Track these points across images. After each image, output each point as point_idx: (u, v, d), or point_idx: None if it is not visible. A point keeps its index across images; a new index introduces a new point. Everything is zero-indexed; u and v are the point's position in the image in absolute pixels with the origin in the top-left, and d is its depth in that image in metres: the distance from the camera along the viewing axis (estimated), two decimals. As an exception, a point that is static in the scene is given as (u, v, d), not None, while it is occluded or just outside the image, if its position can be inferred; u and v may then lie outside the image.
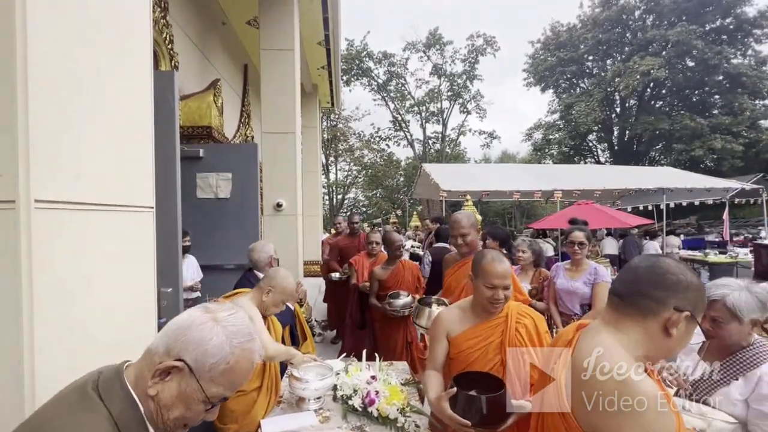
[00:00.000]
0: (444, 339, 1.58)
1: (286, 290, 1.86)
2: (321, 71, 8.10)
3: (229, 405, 1.82)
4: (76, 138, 0.96)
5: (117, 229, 1.08)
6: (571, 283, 2.65)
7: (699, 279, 0.88)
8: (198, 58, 5.01)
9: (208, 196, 3.95)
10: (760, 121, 21.81)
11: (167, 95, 2.00)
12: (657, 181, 10.21)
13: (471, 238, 2.28)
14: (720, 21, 21.95)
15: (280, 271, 1.94)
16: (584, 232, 2.72)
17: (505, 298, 1.50)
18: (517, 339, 1.51)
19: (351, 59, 25.88)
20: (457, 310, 1.65)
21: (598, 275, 2.59)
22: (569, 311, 2.66)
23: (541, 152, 28.54)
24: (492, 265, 1.52)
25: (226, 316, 0.73)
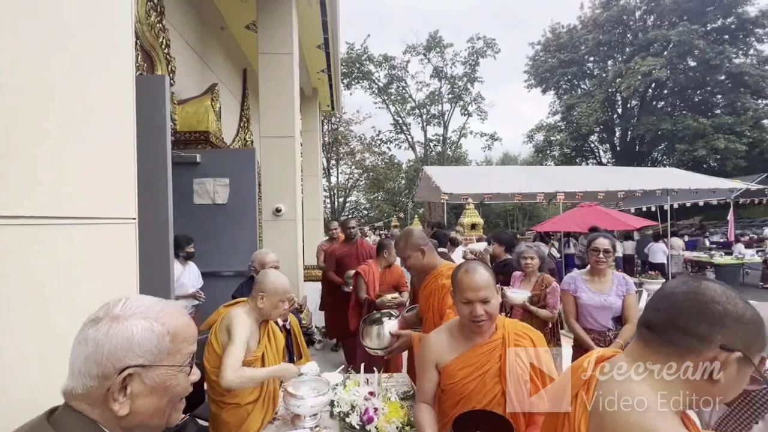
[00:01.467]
0: (432, 369, 1.40)
1: (278, 290, 1.78)
2: (321, 75, 8.07)
3: (223, 416, 1.76)
4: (50, 149, 0.90)
5: (96, 243, 1.01)
6: (602, 297, 2.38)
7: (754, 310, 0.71)
8: (196, 62, 4.97)
9: (206, 202, 3.90)
10: (763, 120, 21.68)
11: (159, 100, 1.94)
12: (662, 182, 10.11)
13: (412, 261, 2.01)
14: (721, 20, 21.86)
15: (268, 274, 1.84)
16: (609, 239, 2.48)
17: (487, 314, 1.30)
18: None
19: (351, 62, 25.90)
20: (446, 334, 1.45)
21: (629, 285, 2.40)
22: (602, 326, 2.39)
23: (543, 153, 28.46)
24: (465, 276, 1.34)
25: (120, 307, 0.67)
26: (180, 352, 0.69)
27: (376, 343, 1.97)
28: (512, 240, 3.59)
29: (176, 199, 3.82)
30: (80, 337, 0.65)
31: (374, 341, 1.97)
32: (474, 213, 6.09)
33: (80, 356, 0.63)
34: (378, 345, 1.96)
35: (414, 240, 2.02)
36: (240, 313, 1.74)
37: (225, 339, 1.72)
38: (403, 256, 2.04)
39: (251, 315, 1.77)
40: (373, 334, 1.98)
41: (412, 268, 2.04)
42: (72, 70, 0.96)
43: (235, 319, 1.70)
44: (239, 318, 1.72)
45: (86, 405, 0.64)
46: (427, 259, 2.02)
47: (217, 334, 1.77)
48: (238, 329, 1.68)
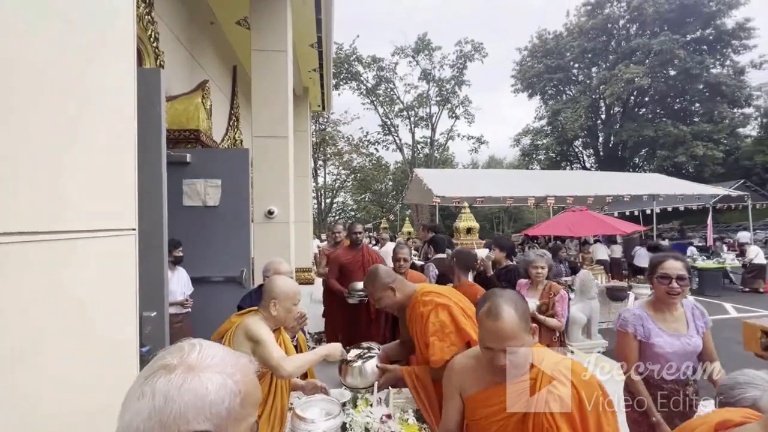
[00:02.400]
0: (457, 396, 1.26)
1: (289, 294, 1.74)
2: (312, 74, 7.91)
3: None
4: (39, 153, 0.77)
5: (92, 259, 0.88)
6: (683, 340, 1.80)
7: None
8: (185, 57, 4.77)
9: (196, 204, 3.71)
10: (738, 129, 22.53)
11: (153, 96, 1.79)
12: (648, 188, 10.32)
13: (386, 301, 1.88)
14: (701, 31, 22.62)
15: (275, 280, 1.80)
16: (682, 261, 1.87)
17: (511, 363, 1.10)
18: (546, 418, 1.09)
19: (340, 63, 25.74)
20: (474, 360, 1.27)
21: (705, 316, 1.90)
22: (682, 376, 1.78)
23: (529, 157, 28.88)
24: (487, 320, 1.12)
25: (196, 356, 0.58)
26: (246, 419, 0.59)
27: (358, 381, 1.82)
28: (514, 246, 3.53)
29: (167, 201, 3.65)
30: (145, 387, 0.54)
31: (357, 379, 1.83)
32: (470, 217, 6.05)
33: (143, 412, 0.52)
34: (362, 383, 1.82)
35: (381, 281, 1.88)
36: (257, 320, 1.67)
37: (242, 346, 1.66)
38: (376, 299, 1.92)
39: (267, 323, 1.69)
40: (354, 372, 1.84)
41: (388, 307, 1.93)
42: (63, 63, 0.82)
43: (253, 326, 1.64)
44: (258, 324, 1.65)
45: None
46: (399, 294, 1.89)
47: (232, 343, 1.68)
48: (261, 331, 1.62)
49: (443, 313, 1.76)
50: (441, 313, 1.76)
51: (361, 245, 4.09)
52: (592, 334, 5.51)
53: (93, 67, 0.90)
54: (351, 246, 4.13)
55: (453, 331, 1.72)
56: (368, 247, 4.28)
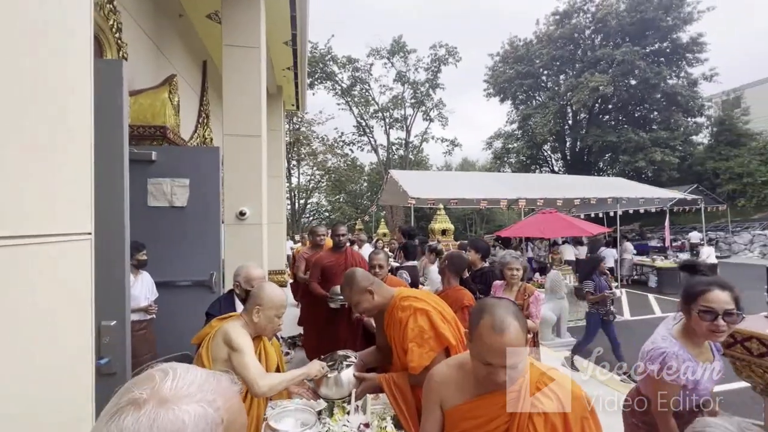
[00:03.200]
0: (437, 408, 1.21)
1: (275, 302, 1.70)
2: (286, 72, 7.76)
3: None
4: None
5: (42, 265, 0.79)
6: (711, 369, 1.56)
7: None
8: (151, 50, 4.54)
9: (162, 204, 3.52)
10: (691, 136, 24.05)
11: (114, 89, 1.67)
12: (612, 191, 10.81)
13: (365, 305, 1.82)
14: (658, 44, 23.97)
15: (264, 287, 1.77)
16: (731, 291, 1.51)
17: (510, 379, 1.05)
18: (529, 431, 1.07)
19: (315, 62, 25.45)
20: (456, 371, 1.22)
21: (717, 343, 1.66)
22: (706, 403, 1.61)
23: (501, 160, 29.61)
24: (491, 337, 1.04)
25: (169, 385, 0.52)
26: None
27: (334, 391, 1.76)
28: (489, 248, 3.57)
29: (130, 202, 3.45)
30: (111, 427, 0.47)
31: (332, 389, 1.76)
32: (445, 218, 6.10)
33: None
34: (336, 393, 1.75)
35: (359, 284, 1.82)
36: (237, 326, 1.60)
37: (221, 354, 1.58)
38: (353, 303, 1.86)
39: (247, 329, 1.62)
40: (330, 382, 1.77)
41: (366, 312, 1.88)
42: (8, 53, 0.73)
43: (234, 332, 1.57)
44: (238, 330, 1.58)
45: None
46: (378, 297, 1.84)
47: (210, 349, 1.61)
48: (240, 340, 1.55)
49: (422, 318, 1.74)
50: (420, 318, 1.74)
51: (345, 247, 3.96)
52: (562, 333, 5.69)
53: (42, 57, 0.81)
54: (334, 248, 3.98)
55: (432, 337, 1.70)
56: (352, 250, 4.17)
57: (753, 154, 20.52)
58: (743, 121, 22.66)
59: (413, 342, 1.69)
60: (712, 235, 17.81)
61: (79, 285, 0.90)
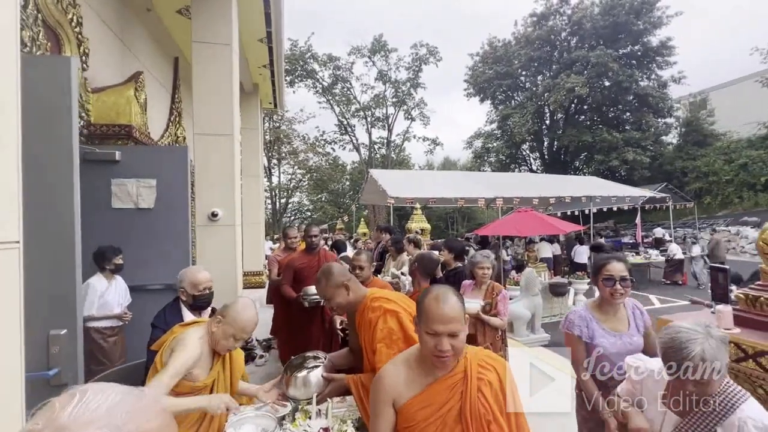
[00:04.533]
0: (389, 408, 1.22)
1: (236, 322, 1.58)
2: (262, 70, 7.63)
3: None
4: None
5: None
6: (625, 340, 1.84)
7: None
8: (115, 46, 4.37)
9: (127, 206, 3.41)
10: (662, 136, 24.98)
11: (64, 86, 1.60)
12: (586, 190, 11.12)
13: (339, 300, 1.80)
14: (630, 47, 24.77)
15: (238, 303, 1.66)
16: (624, 262, 1.90)
17: (453, 348, 1.16)
18: (481, 403, 1.17)
19: (295, 60, 25.15)
20: (403, 367, 1.27)
21: (644, 314, 1.94)
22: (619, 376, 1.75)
23: (481, 159, 30.00)
24: (434, 304, 1.17)
25: (69, 412, 0.48)
26: None
27: (302, 392, 1.73)
28: (463, 248, 3.61)
29: (91, 204, 3.31)
30: None
31: (300, 390, 1.74)
32: (421, 218, 6.14)
33: None
34: (304, 394, 1.73)
35: (336, 278, 1.79)
36: (191, 336, 1.52)
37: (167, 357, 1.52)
38: (327, 297, 1.81)
39: (204, 338, 1.56)
40: (298, 382, 1.74)
41: (339, 307, 1.83)
42: None
43: (181, 343, 1.49)
44: (187, 341, 1.50)
45: None
46: (352, 294, 1.82)
47: (163, 355, 1.55)
48: (178, 355, 1.47)
49: (392, 319, 1.74)
50: (390, 319, 1.74)
51: (318, 249, 3.86)
52: (536, 329, 5.81)
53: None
54: (306, 250, 3.87)
55: (401, 338, 1.70)
56: (326, 251, 4.08)
57: (718, 153, 21.48)
58: (709, 122, 23.71)
59: (382, 343, 1.69)
60: (681, 232, 18.56)
61: (5, 296, 0.85)
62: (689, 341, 1.19)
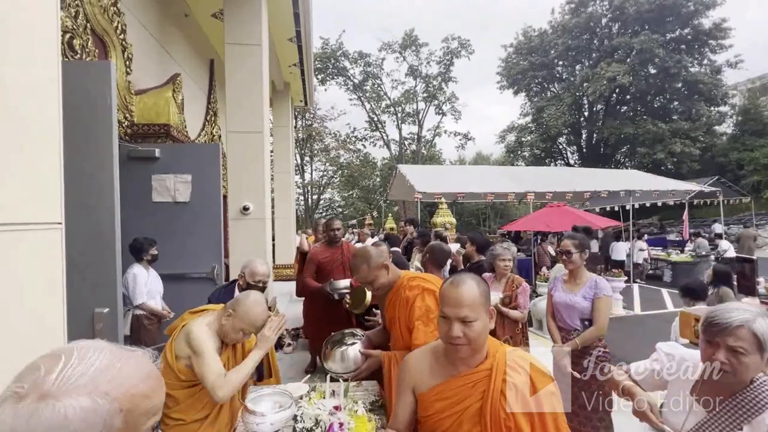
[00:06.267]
0: (409, 393, 1.23)
1: (247, 317, 1.61)
2: (293, 69, 7.84)
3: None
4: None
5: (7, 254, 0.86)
6: (569, 296, 2.43)
7: None
8: (156, 50, 4.67)
9: (166, 199, 3.66)
10: (714, 126, 23.15)
11: (104, 89, 1.76)
12: (625, 184, 10.55)
13: (381, 281, 1.84)
14: (679, 31, 23.11)
15: (249, 297, 1.69)
16: (574, 239, 2.44)
17: (465, 337, 1.10)
18: (501, 406, 1.09)
19: (326, 58, 25.54)
20: (429, 355, 1.26)
21: (599, 289, 2.37)
22: (568, 326, 2.44)
23: (514, 154, 29.17)
24: (449, 288, 1.15)
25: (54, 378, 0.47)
26: (137, 429, 0.52)
27: (339, 366, 1.82)
28: (487, 241, 3.56)
29: (134, 197, 3.59)
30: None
31: (337, 364, 1.82)
32: (447, 212, 6.09)
33: None
34: (342, 368, 1.82)
35: (376, 260, 1.82)
36: (200, 325, 1.61)
37: (183, 351, 1.60)
38: (369, 280, 1.83)
39: (213, 326, 1.65)
40: (336, 356, 1.83)
41: (381, 288, 1.85)
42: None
43: (195, 332, 1.56)
44: (200, 330, 1.58)
45: None
46: (391, 273, 1.86)
47: (173, 343, 1.64)
48: (200, 343, 1.54)
49: (429, 297, 1.77)
50: (427, 297, 1.77)
51: (340, 243, 3.87)
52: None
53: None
54: (328, 243, 3.89)
55: (438, 317, 1.75)
56: (348, 245, 4.10)
57: (780, 143, 19.65)
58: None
59: (419, 320, 1.72)
60: (735, 229, 17.18)
61: (49, 274, 0.97)
62: (738, 310, 1.11)
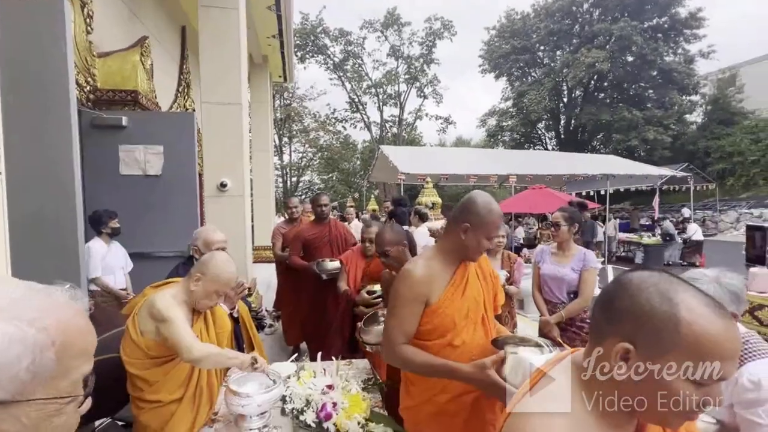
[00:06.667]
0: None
1: (219, 278, 1.51)
2: (272, 41, 7.43)
3: (143, 418, 1.48)
4: None
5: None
6: (558, 268, 2.44)
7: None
8: (121, 11, 4.27)
9: (135, 172, 3.39)
10: (686, 114, 23.93)
11: (55, 32, 1.52)
12: (602, 168, 10.77)
13: (396, 254, 1.95)
14: (657, 19, 23.48)
15: (215, 257, 1.58)
16: (564, 212, 2.49)
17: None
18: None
19: (306, 35, 24.63)
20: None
21: (587, 261, 2.39)
22: (556, 299, 2.46)
23: (495, 138, 29.36)
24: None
25: None
26: (69, 373, 0.46)
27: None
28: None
29: (99, 169, 3.30)
30: None
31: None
32: (432, 192, 6.00)
33: None
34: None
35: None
36: (164, 297, 1.46)
37: (148, 325, 1.45)
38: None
39: (179, 297, 1.50)
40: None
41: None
42: None
43: (159, 305, 1.42)
44: (164, 302, 1.43)
45: None
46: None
47: (136, 319, 1.48)
48: (167, 311, 1.41)
49: None
50: None
51: (328, 219, 3.65)
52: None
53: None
54: (316, 220, 3.68)
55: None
56: (336, 221, 3.87)
57: (744, 132, 20.50)
58: (737, 99, 22.52)
59: None
60: (700, 214, 18.01)
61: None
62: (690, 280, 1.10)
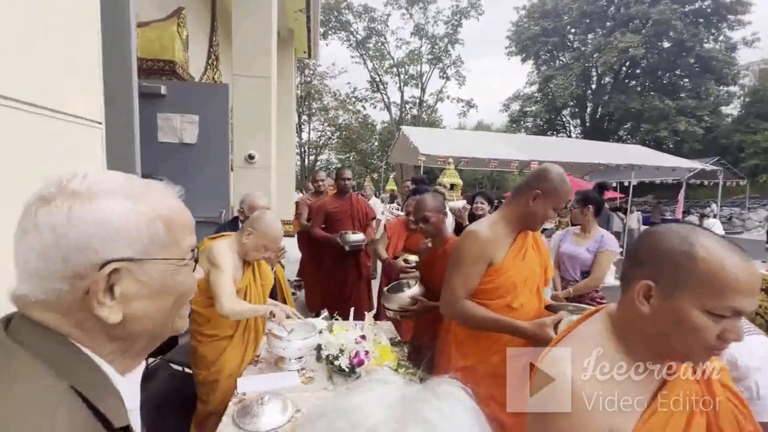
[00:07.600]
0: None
1: (268, 234, 1.67)
2: (298, 15, 7.42)
3: (201, 350, 1.68)
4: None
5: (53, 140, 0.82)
6: (575, 248, 2.59)
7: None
8: (158, -20, 4.35)
9: (172, 140, 3.55)
10: (721, 106, 22.81)
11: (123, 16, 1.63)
12: (628, 158, 10.50)
13: (435, 221, 1.95)
14: (699, 3, 22.17)
15: (266, 215, 1.75)
16: (577, 194, 2.68)
17: None
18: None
19: (329, 10, 24.25)
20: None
21: (603, 243, 2.50)
22: (570, 276, 2.61)
23: (517, 124, 28.71)
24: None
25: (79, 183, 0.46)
26: (178, 243, 0.51)
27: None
28: (500, 200, 3.61)
29: (140, 136, 3.46)
30: (26, 223, 0.44)
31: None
32: (454, 173, 6.01)
33: (34, 248, 0.43)
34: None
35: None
36: (222, 244, 1.64)
37: (205, 267, 1.62)
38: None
39: (233, 248, 1.67)
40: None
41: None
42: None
43: (216, 250, 1.60)
44: (221, 249, 1.62)
45: (54, 314, 0.45)
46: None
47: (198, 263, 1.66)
48: (221, 259, 1.58)
49: None
50: None
51: (350, 193, 3.78)
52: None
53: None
54: (338, 193, 3.80)
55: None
56: (357, 196, 4.00)
57: (784, 127, 19.50)
58: (779, 92, 21.31)
59: None
60: (727, 211, 17.42)
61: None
62: None
